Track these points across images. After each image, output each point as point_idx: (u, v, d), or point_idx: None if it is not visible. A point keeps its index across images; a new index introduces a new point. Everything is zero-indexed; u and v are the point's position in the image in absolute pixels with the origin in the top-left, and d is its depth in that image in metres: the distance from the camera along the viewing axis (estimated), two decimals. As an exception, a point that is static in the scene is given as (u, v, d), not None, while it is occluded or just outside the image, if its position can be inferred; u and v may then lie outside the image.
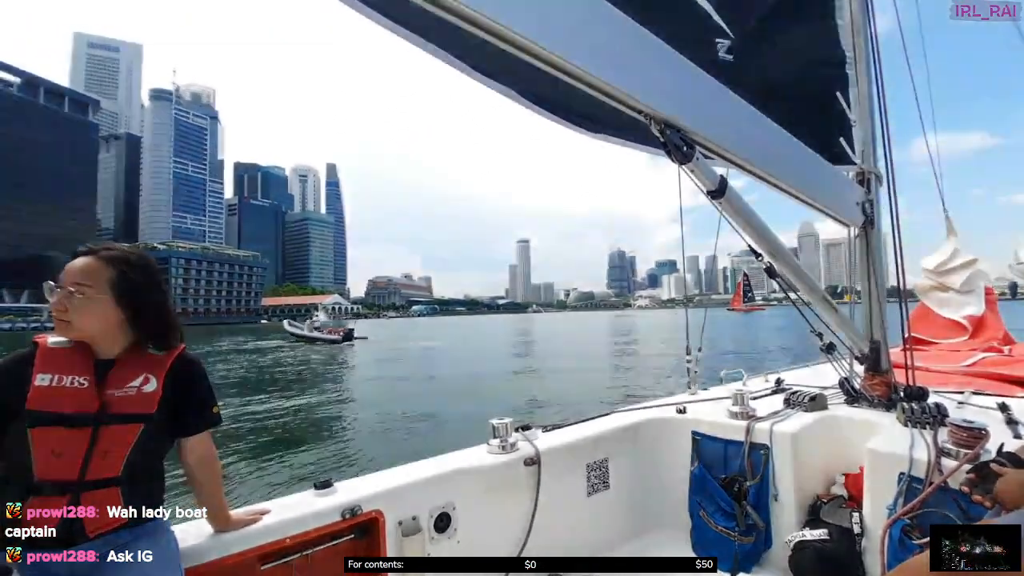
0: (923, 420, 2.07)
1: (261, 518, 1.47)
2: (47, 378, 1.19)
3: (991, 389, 2.78)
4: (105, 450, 1.19)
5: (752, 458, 2.23)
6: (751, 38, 2.09)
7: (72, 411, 1.18)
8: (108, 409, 1.21)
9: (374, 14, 1.27)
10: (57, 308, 1.20)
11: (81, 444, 1.17)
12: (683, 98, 1.54)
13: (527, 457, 2.06)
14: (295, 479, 6.93)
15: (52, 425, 1.16)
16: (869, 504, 1.92)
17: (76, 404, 1.18)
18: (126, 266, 1.28)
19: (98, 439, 1.18)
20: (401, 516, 1.71)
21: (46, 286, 1.23)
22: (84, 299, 1.21)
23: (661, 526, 2.50)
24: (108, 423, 1.20)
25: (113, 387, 1.23)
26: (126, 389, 1.24)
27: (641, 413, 2.64)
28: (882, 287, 2.72)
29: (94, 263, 1.25)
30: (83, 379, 1.21)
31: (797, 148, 2.17)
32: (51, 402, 1.17)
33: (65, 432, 1.16)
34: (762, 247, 2.12)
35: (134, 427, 1.23)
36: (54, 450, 1.15)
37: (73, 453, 1.16)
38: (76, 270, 1.23)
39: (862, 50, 2.66)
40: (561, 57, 1.23)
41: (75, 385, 1.20)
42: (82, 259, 1.25)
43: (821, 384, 2.81)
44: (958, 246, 4.36)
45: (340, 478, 1.74)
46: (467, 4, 1.06)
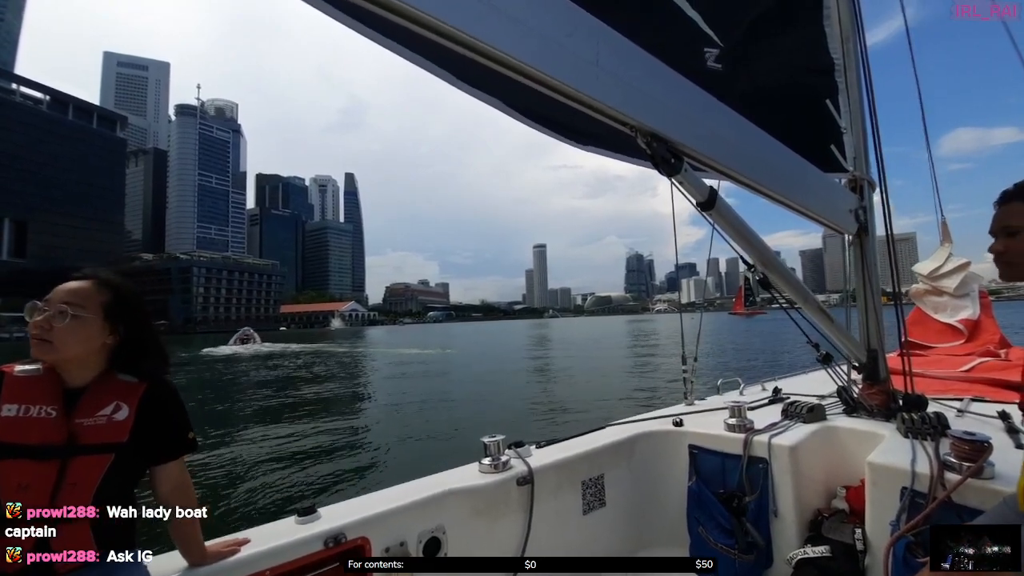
0: (924, 431, 1.94)
1: (239, 549, 1.36)
2: (13, 408, 1.10)
3: (990, 395, 2.65)
4: (74, 482, 1.10)
5: (750, 472, 2.10)
6: (740, 46, 1.99)
7: (38, 442, 1.09)
8: (76, 439, 1.12)
9: (358, 24, 1.22)
10: (40, 327, 1.12)
11: (48, 476, 1.08)
12: (669, 110, 1.45)
13: (520, 476, 1.94)
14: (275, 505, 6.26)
15: (18, 457, 1.07)
16: (871, 520, 1.79)
17: (42, 435, 1.09)
18: (120, 291, 1.22)
19: (67, 471, 1.09)
20: (388, 542, 1.59)
21: (29, 305, 1.14)
22: (74, 320, 1.13)
23: (659, 544, 2.36)
24: (76, 454, 1.11)
25: (82, 416, 1.14)
26: (95, 418, 1.15)
27: (637, 426, 2.51)
28: (878, 294, 2.60)
29: (87, 285, 1.18)
30: (51, 408, 1.12)
31: (788, 156, 2.05)
32: (17, 433, 1.08)
33: (31, 464, 1.08)
34: (754, 257, 2.01)
35: (104, 457, 1.13)
36: (20, 483, 1.06)
37: (40, 486, 1.07)
38: (67, 291, 1.16)
39: (852, 57, 2.55)
40: (542, 71, 1.15)
41: (42, 415, 1.11)
42: (74, 281, 1.18)
43: (819, 392, 2.68)
44: (952, 251, 4.25)
45: (328, 502, 1.63)
46: (446, 20, 0.98)
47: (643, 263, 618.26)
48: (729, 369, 17.32)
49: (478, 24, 1.03)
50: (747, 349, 27.99)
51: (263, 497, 6.63)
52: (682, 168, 1.47)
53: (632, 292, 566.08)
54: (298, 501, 6.27)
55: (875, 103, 2.54)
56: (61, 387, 1.16)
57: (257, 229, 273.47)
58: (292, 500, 6.41)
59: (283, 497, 6.58)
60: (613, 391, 14.05)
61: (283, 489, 6.93)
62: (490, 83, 1.53)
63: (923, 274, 4.34)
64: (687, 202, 1.68)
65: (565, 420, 10.29)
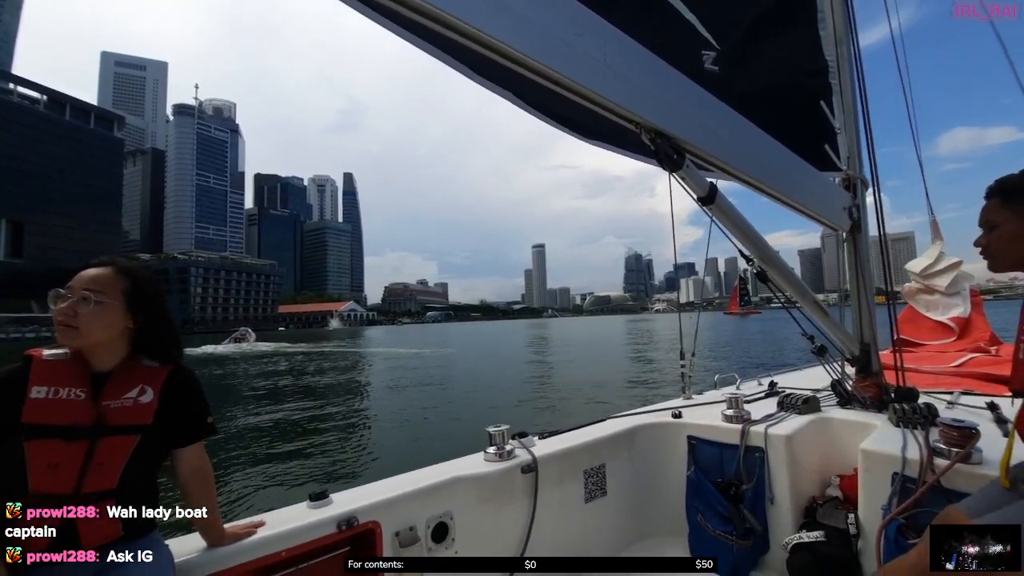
0: (914, 420, 2.00)
1: (256, 531, 1.40)
2: (43, 391, 1.13)
3: (980, 389, 2.71)
4: (101, 462, 1.13)
5: (747, 462, 2.15)
6: (736, 49, 2.04)
7: (69, 423, 1.12)
8: (105, 421, 1.15)
9: (379, 17, 1.25)
10: (65, 314, 1.15)
11: (78, 456, 1.12)
12: (673, 108, 1.50)
13: (524, 464, 1.98)
14: (289, 489, 6.54)
15: (49, 437, 1.11)
16: (864, 505, 1.85)
17: (73, 416, 1.13)
18: (138, 277, 1.26)
19: (95, 451, 1.13)
20: (398, 526, 1.63)
21: (52, 293, 1.18)
22: (97, 306, 1.17)
23: (659, 532, 2.41)
24: (105, 435, 1.15)
25: (110, 398, 1.18)
26: (122, 400, 1.19)
27: (637, 418, 2.56)
28: (871, 290, 2.66)
29: (107, 272, 1.22)
30: (80, 391, 1.15)
31: (784, 155, 2.11)
32: (48, 415, 1.12)
33: (62, 444, 1.11)
34: (752, 252, 2.07)
35: (130, 438, 1.17)
36: (50, 462, 1.10)
37: (69, 465, 1.11)
38: (89, 278, 1.19)
39: (845, 59, 2.60)
40: (553, 69, 1.20)
41: (72, 397, 1.14)
42: (94, 269, 1.21)
43: (813, 387, 2.73)
44: (943, 249, 4.31)
45: (336, 489, 1.66)
46: (464, 19, 1.03)
47: (642, 263, 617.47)
48: (726, 364, 17.45)
49: (493, 23, 1.07)
50: (740, 344, 28.16)
51: (275, 483, 6.83)
52: (684, 164, 1.52)
53: (631, 292, 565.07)
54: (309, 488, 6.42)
55: (868, 104, 2.60)
56: (89, 371, 1.19)
57: (255, 229, 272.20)
58: (303, 487, 6.54)
59: (295, 484, 6.77)
60: (613, 388, 14.15)
61: (294, 477, 7.11)
62: (504, 78, 1.58)
63: (915, 272, 4.40)
64: (686, 201, 1.72)
65: (566, 413, 10.48)
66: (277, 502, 2.23)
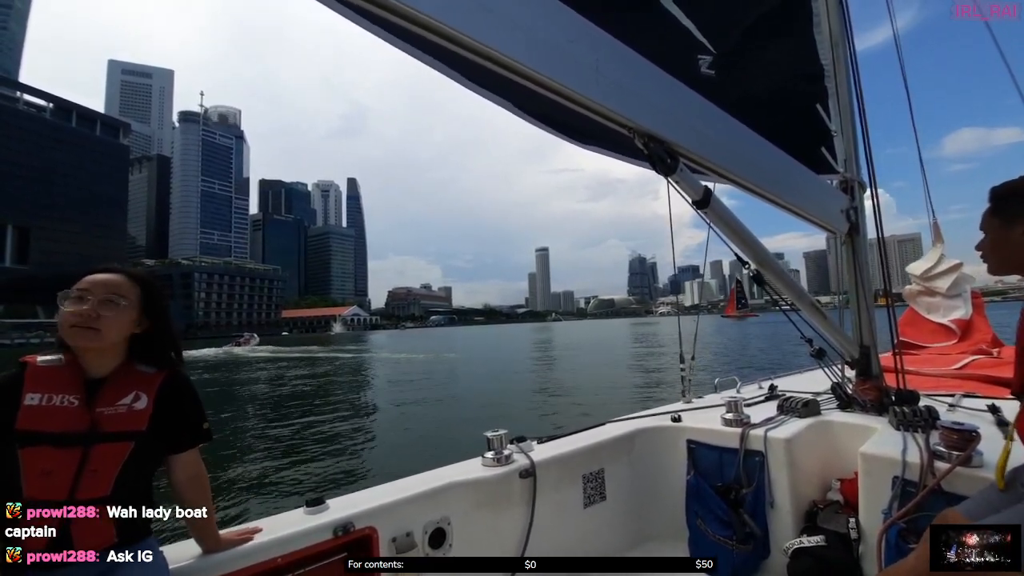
0: (915, 423, 1.98)
1: (252, 537, 1.39)
2: (37, 397, 1.13)
3: (981, 391, 2.68)
4: (95, 469, 1.13)
5: (747, 465, 2.13)
6: (732, 54, 2.04)
7: (62, 430, 1.11)
8: (98, 427, 1.15)
9: (373, 27, 1.24)
10: (87, 315, 1.15)
11: (71, 463, 1.11)
12: (665, 112, 1.49)
13: (522, 469, 1.97)
14: (286, 496, 6.47)
15: (42, 444, 1.10)
16: (864, 508, 1.83)
17: (66, 423, 1.12)
18: (148, 284, 1.28)
19: (88, 458, 1.12)
20: (395, 532, 1.62)
21: (61, 294, 1.17)
22: (120, 309, 1.18)
23: (659, 536, 2.39)
24: (98, 441, 1.14)
25: (104, 405, 1.17)
26: (116, 407, 1.18)
27: (636, 422, 2.54)
28: (869, 292, 2.64)
29: (122, 279, 1.23)
30: (73, 398, 1.15)
31: (780, 158, 2.11)
32: (41, 421, 1.11)
33: (55, 451, 1.10)
34: (749, 255, 2.05)
35: (124, 445, 1.16)
36: (44, 469, 1.09)
37: (63, 472, 1.10)
38: (107, 281, 1.20)
39: (841, 62, 2.60)
40: (545, 75, 1.19)
41: (65, 404, 1.14)
42: (103, 274, 1.22)
43: (813, 390, 2.71)
44: (944, 251, 4.28)
45: (333, 495, 1.66)
46: (455, 27, 1.02)
47: (645, 266, 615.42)
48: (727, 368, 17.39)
49: (484, 30, 1.07)
50: (735, 347, 28.05)
51: (272, 490, 6.76)
52: (678, 168, 1.52)
53: (635, 295, 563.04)
54: (306, 494, 6.37)
55: (864, 107, 2.59)
56: (83, 377, 1.19)
57: (260, 234, 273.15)
58: (300, 493, 6.52)
59: (291, 490, 6.71)
60: (613, 390, 14.09)
61: (291, 483, 7.05)
62: (498, 85, 1.57)
63: (916, 275, 4.36)
64: (687, 205, 1.73)
65: (565, 418, 10.40)
66: (274, 508, 2.22)
